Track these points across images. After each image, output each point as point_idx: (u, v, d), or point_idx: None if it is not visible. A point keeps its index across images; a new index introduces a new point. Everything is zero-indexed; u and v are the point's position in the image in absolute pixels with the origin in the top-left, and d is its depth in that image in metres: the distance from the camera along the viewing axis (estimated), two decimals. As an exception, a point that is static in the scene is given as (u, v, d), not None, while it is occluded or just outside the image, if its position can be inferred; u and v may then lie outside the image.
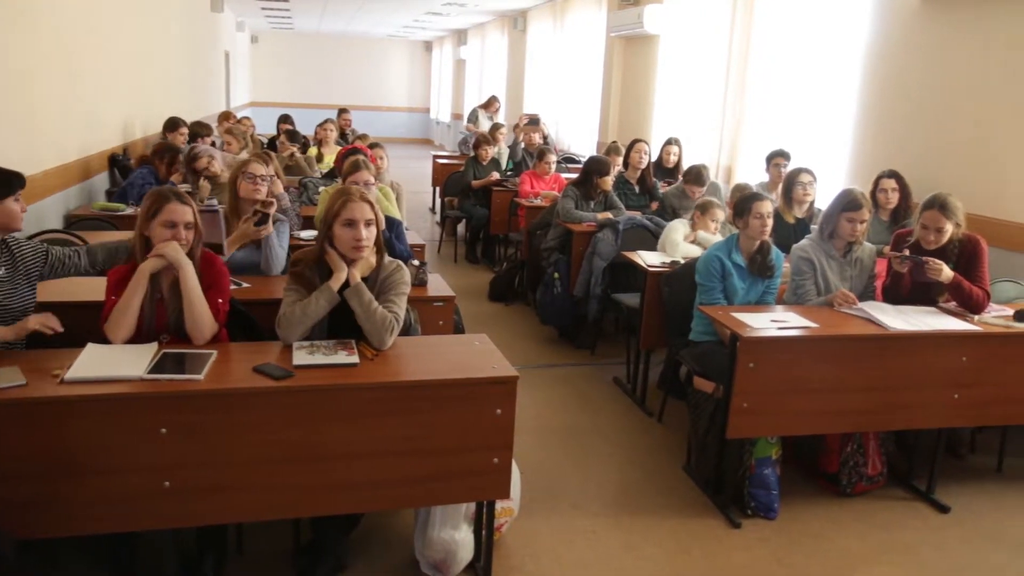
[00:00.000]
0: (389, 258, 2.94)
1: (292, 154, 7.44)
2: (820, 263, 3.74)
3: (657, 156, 6.99)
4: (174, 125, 6.68)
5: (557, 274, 5.49)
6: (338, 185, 4.26)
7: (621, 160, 6.69)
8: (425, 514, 2.86)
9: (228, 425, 2.40)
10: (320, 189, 5.63)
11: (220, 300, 2.76)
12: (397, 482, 2.59)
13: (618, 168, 6.48)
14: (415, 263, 3.61)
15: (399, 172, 10.51)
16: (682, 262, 4.34)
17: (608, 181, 5.72)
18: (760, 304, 3.79)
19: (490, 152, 8.04)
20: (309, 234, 4.32)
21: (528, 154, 8.51)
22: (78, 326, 2.71)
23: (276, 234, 3.69)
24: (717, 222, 4.73)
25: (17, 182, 2.77)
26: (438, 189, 9.76)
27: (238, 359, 2.60)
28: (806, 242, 3.83)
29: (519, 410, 2.64)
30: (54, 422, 2.27)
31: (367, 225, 2.79)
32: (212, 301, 2.72)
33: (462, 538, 2.85)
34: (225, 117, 9.33)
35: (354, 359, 2.60)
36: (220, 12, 12.55)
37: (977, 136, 4.63)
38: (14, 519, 2.27)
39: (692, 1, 7.87)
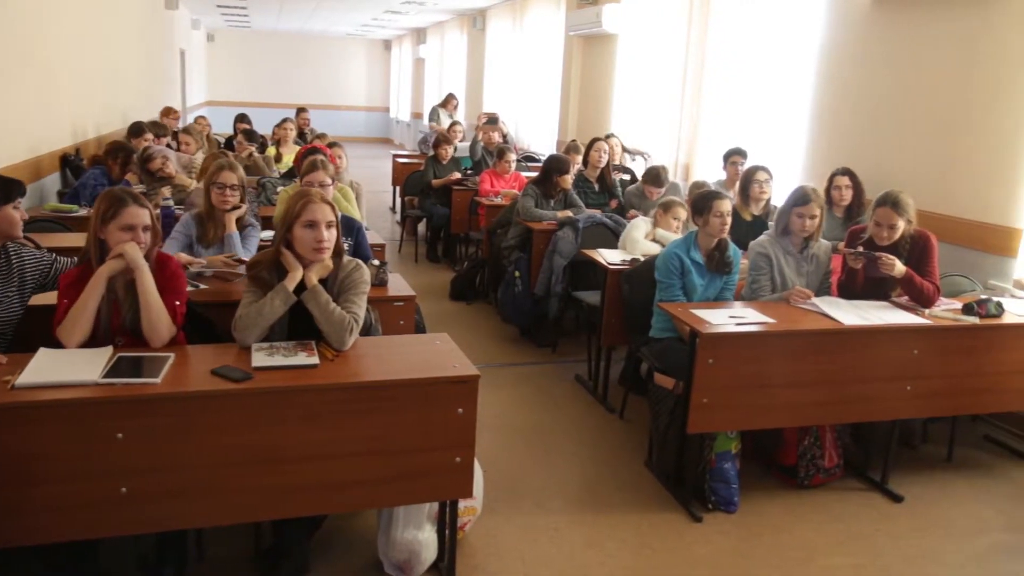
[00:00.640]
0: (348, 257, 2.93)
1: (250, 154, 7.36)
2: (777, 259, 3.80)
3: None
4: (139, 131, 6.50)
5: (518, 272, 5.50)
6: (297, 186, 4.23)
7: (581, 159, 6.72)
8: (388, 515, 2.85)
9: (186, 429, 2.36)
10: (279, 189, 5.58)
11: (177, 302, 2.72)
12: (359, 483, 2.58)
13: (577, 167, 6.51)
14: (375, 263, 3.59)
15: (359, 171, 10.46)
16: (642, 259, 4.38)
17: (568, 179, 5.75)
18: (719, 300, 3.85)
19: (450, 151, 8.03)
20: (267, 234, 4.27)
21: (488, 153, 8.51)
22: (29, 331, 2.65)
23: (245, 239, 3.68)
24: (679, 220, 4.77)
25: (17, 189, 2.74)
26: (398, 188, 9.72)
27: (196, 362, 2.56)
28: (764, 238, 3.89)
29: (481, 409, 2.65)
30: (5, 429, 2.21)
31: (328, 227, 2.78)
32: (169, 303, 2.67)
33: (425, 538, 2.84)
34: (166, 113, 9.18)
35: (314, 360, 2.58)
36: (175, 9, 12.35)
37: (928, 134, 4.74)
38: (-36, 529, 2.21)
39: (650, 1, 7.94)
